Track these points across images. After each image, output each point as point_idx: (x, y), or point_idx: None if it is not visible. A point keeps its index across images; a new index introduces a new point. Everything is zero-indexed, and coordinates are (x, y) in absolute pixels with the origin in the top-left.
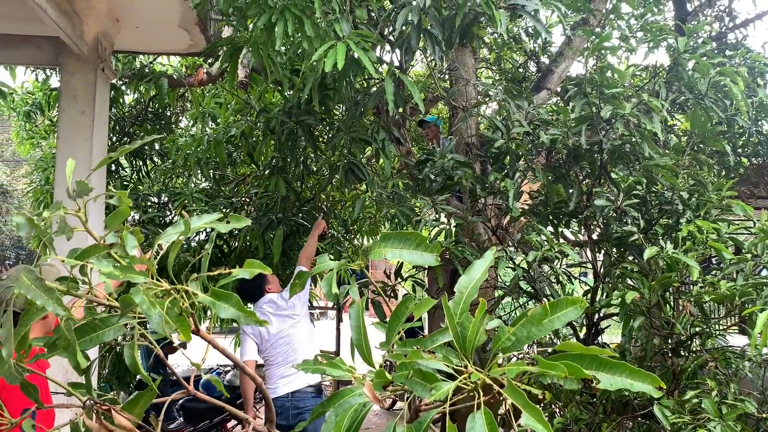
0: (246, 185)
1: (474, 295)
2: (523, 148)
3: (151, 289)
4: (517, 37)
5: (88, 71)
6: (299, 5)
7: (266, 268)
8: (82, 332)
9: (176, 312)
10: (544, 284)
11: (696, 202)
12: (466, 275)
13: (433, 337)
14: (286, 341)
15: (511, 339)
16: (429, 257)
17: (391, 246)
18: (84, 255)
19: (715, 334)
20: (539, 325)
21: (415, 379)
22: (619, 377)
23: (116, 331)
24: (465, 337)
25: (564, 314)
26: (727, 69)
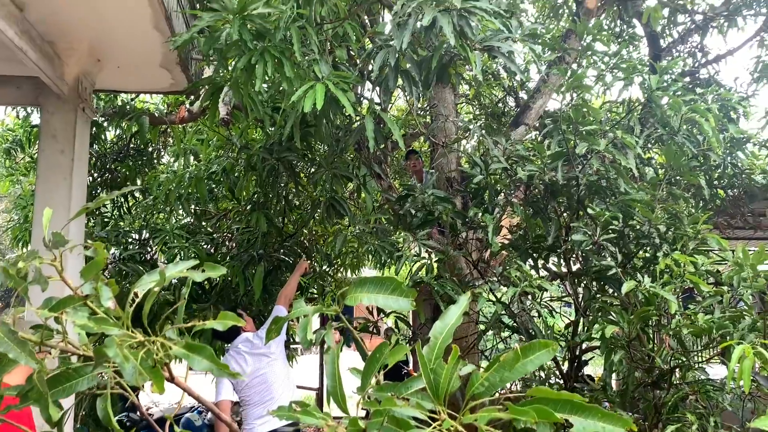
0: (227, 221)
1: (449, 341)
2: (502, 183)
3: (125, 341)
4: (495, 74)
5: (69, 111)
6: (279, 47)
7: (240, 321)
8: (55, 382)
9: (150, 364)
10: (526, 319)
11: (673, 236)
12: (440, 320)
13: (408, 383)
14: (262, 380)
15: (484, 384)
16: (404, 302)
17: (366, 291)
18: (59, 306)
19: (695, 366)
20: (512, 369)
21: (389, 426)
22: (592, 420)
23: (90, 381)
24: (438, 384)
25: (537, 357)
26: (698, 106)
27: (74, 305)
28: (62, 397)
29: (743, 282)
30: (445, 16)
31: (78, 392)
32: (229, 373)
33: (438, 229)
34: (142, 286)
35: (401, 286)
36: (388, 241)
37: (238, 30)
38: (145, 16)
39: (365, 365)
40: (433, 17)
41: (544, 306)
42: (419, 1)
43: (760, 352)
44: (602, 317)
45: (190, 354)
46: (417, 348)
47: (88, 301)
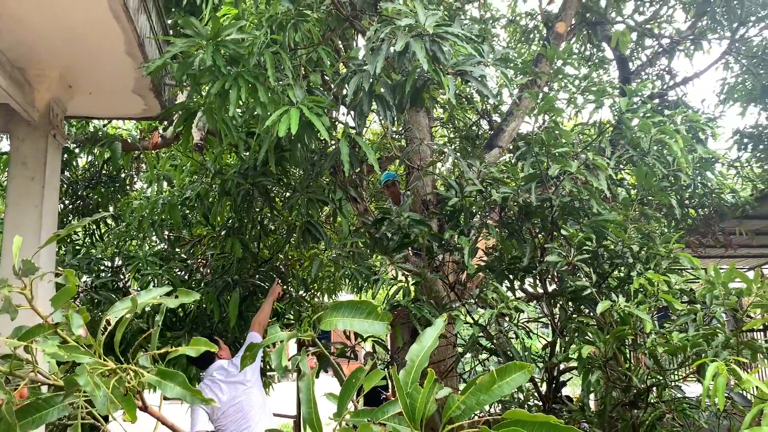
0: (202, 247)
1: (425, 364)
2: (477, 205)
3: (97, 369)
4: (469, 97)
5: (39, 138)
6: (252, 72)
7: (213, 346)
8: (25, 413)
9: (122, 392)
10: (503, 340)
11: (645, 255)
12: (417, 343)
13: (384, 408)
14: (237, 408)
15: (461, 408)
16: (380, 326)
17: (341, 315)
18: (28, 335)
19: (671, 385)
20: (488, 392)
21: None
22: None
23: (61, 411)
24: (414, 408)
25: (513, 379)
26: (667, 128)
27: (44, 333)
28: (32, 428)
29: (715, 300)
30: (417, 41)
31: (48, 423)
32: (202, 399)
33: (414, 251)
34: (114, 313)
35: (376, 309)
36: (364, 265)
37: (212, 56)
38: (117, 42)
39: (341, 391)
40: (406, 42)
41: (521, 327)
42: (392, 27)
43: (734, 369)
44: (579, 337)
45: (163, 381)
46: (393, 373)
47: (59, 329)
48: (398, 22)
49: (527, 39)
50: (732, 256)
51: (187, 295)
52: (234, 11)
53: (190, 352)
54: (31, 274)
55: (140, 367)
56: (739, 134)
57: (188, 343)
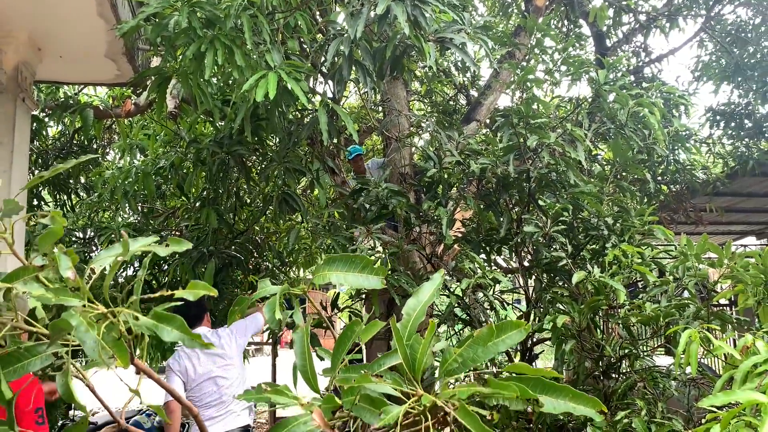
0: (176, 218)
1: (422, 318)
2: (455, 177)
3: (88, 313)
4: (446, 71)
5: (7, 101)
6: (229, 35)
7: (212, 290)
8: (5, 362)
9: (114, 337)
10: (479, 311)
11: (620, 228)
12: (414, 297)
13: (380, 360)
14: (214, 382)
15: (457, 360)
16: (375, 280)
17: (335, 269)
18: (10, 278)
19: (643, 355)
20: (485, 346)
21: (362, 405)
22: (563, 401)
23: (44, 360)
24: (414, 359)
25: (509, 336)
26: (644, 100)
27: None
28: (12, 378)
29: (687, 271)
30: (399, 5)
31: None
32: (202, 343)
33: (390, 223)
34: (100, 261)
35: (371, 263)
36: (342, 235)
37: (187, 17)
38: (88, 3)
39: (336, 344)
40: (387, 6)
41: (496, 298)
42: None
43: (707, 336)
44: (553, 308)
45: (159, 324)
46: (392, 323)
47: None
48: None
49: (505, 12)
50: (701, 232)
51: (178, 243)
52: None
53: (188, 296)
54: (14, 213)
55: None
56: (711, 111)
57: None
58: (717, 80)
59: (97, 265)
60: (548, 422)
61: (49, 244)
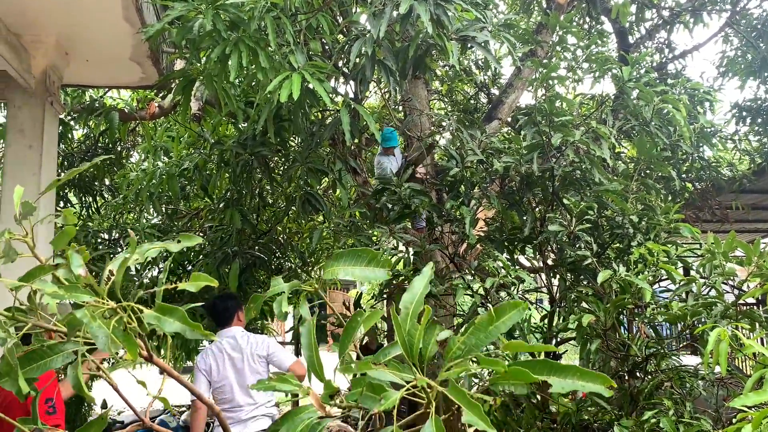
0: (200, 219)
1: (420, 308)
2: (478, 176)
3: (97, 308)
4: (467, 70)
5: (36, 105)
6: (253, 37)
7: (213, 281)
8: (29, 360)
9: (122, 330)
10: None
11: (646, 226)
12: (408, 292)
13: (385, 350)
14: (228, 384)
15: (461, 348)
16: (380, 272)
17: (342, 264)
18: (28, 278)
19: (669, 354)
20: (486, 331)
21: (366, 393)
22: (570, 379)
23: (66, 358)
24: (412, 344)
25: (509, 318)
26: (669, 96)
27: (42, 275)
28: (36, 374)
29: (715, 270)
30: (422, 4)
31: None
32: (202, 333)
33: (419, 224)
34: (117, 262)
35: (377, 257)
36: (364, 235)
37: (212, 20)
38: (114, 7)
39: (342, 335)
40: (410, 5)
41: (521, 298)
42: None
43: (736, 334)
44: (578, 307)
45: (162, 316)
46: (392, 312)
47: (57, 272)
48: None
49: (527, 10)
50: (727, 230)
51: (188, 239)
52: None
53: (191, 288)
54: (30, 215)
55: (139, 305)
56: (737, 108)
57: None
58: (743, 76)
59: (115, 266)
60: (573, 422)
61: (63, 243)
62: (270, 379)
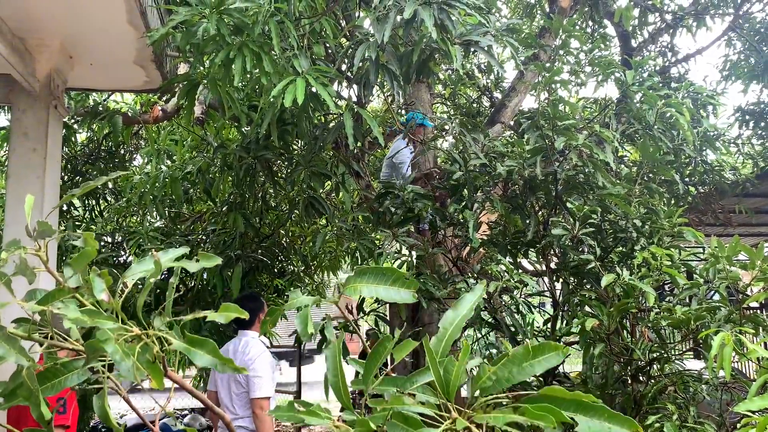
0: (203, 222)
1: (458, 334)
2: (481, 179)
3: (121, 335)
4: (470, 73)
5: (40, 109)
6: (257, 42)
7: (243, 312)
8: (43, 378)
9: (148, 359)
10: (505, 314)
11: (649, 230)
12: (453, 310)
13: (412, 378)
14: (220, 389)
15: (491, 379)
16: (406, 294)
17: (366, 282)
18: (48, 299)
19: (673, 358)
20: (520, 367)
21: (396, 423)
22: (598, 420)
23: (81, 376)
24: (449, 381)
25: (546, 359)
26: (673, 100)
27: (63, 298)
28: (50, 394)
29: (719, 274)
30: (426, 9)
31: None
32: (234, 368)
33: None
34: (132, 275)
35: (402, 276)
36: (367, 239)
37: (216, 24)
38: (119, 11)
39: (368, 360)
40: (414, 10)
41: (524, 302)
42: None
43: (740, 339)
44: (581, 311)
45: (192, 348)
46: (425, 342)
47: (79, 294)
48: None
49: (529, 14)
50: (731, 234)
51: (208, 259)
52: None
53: (220, 319)
54: (48, 236)
55: (167, 333)
56: (740, 111)
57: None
58: (746, 79)
59: (129, 279)
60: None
61: (82, 265)
62: (296, 410)
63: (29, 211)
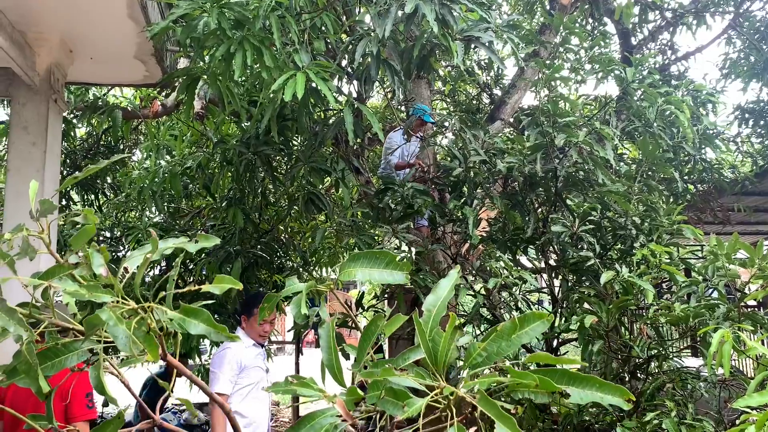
0: (202, 218)
1: (443, 312)
2: (481, 176)
3: (119, 308)
4: (470, 70)
5: (40, 102)
6: (258, 36)
7: (237, 283)
8: (44, 358)
9: (143, 331)
10: (504, 311)
11: (648, 227)
12: (432, 294)
13: (404, 355)
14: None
15: (482, 355)
16: (399, 275)
17: (360, 265)
18: (46, 276)
19: (671, 355)
20: (509, 339)
21: (387, 398)
22: (589, 391)
23: (81, 356)
24: (437, 352)
25: (532, 328)
26: (673, 98)
27: (62, 274)
28: (51, 373)
29: (717, 272)
30: (427, 3)
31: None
32: (228, 336)
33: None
34: (133, 260)
35: (395, 259)
36: (367, 235)
37: (217, 18)
38: (119, 5)
39: (360, 339)
40: (415, 5)
41: (523, 298)
42: None
43: (739, 336)
44: (580, 308)
45: (187, 318)
46: (414, 317)
47: (76, 271)
48: None
49: (530, 11)
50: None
51: (207, 239)
52: None
53: (215, 290)
54: (49, 213)
55: (163, 306)
56: (740, 110)
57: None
58: (745, 78)
59: (130, 264)
60: (575, 422)
61: (82, 242)
62: (290, 383)
63: (33, 196)
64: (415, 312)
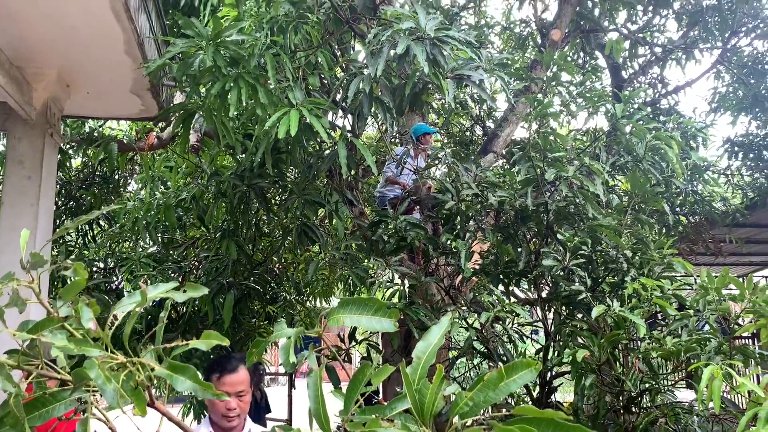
0: (195, 249)
1: (432, 361)
2: (473, 209)
3: (107, 363)
4: (463, 103)
5: (36, 137)
6: (253, 73)
7: (223, 339)
8: (32, 408)
9: (132, 386)
10: (497, 344)
11: (639, 261)
12: (423, 340)
13: (391, 404)
14: None
15: (468, 404)
16: (387, 323)
17: (349, 312)
18: (37, 328)
19: (664, 389)
20: (496, 389)
21: None
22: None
23: (68, 406)
24: (423, 404)
25: (520, 377)
26: (662, 133)
27: (52, 327)
28: (38, 423)
29: (708, 305)
30: (418, 44)
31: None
32: (214, 393)
33: (408, 255)
34: (122, 308)
35: (384, 306)
36: (360, 267)
37: (212, 56)
38: (116, 42)
39: (348, 387)
40: (407, 45)
41: (515, 331)
42: (393, 30)
43: (729, 373)
44: (572, 341)
45: (174, 374)
46: (402, 368)
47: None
48: (399, 26)
49: (521, 46)
50: (722, 264)
51: (195, 289)
52: (234, 13)
53: (201, 346)
54: (40, 267)
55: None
56: (729, 143)
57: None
58: (734, 111)
59: (119, 312)
60: None
61: (73, 295)
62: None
63: (24, 245)
64: (402, 363)
